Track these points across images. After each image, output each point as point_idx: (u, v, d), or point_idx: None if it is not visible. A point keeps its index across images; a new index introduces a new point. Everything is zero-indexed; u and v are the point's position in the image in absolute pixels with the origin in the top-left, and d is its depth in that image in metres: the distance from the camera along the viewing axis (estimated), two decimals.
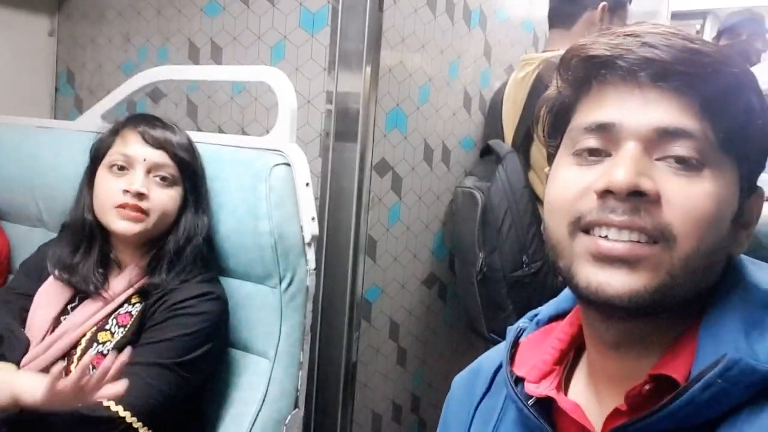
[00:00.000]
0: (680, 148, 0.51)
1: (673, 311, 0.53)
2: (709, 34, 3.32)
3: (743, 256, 0.57)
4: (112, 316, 1.05)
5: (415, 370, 1.74)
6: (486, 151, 1.70)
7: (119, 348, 0.99)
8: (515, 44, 1.89)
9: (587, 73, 0.55)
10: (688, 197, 0.50)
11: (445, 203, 1.74)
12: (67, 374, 1.02)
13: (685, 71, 0.50)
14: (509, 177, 1.50)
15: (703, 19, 3.29)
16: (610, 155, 0.53)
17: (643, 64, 0.51)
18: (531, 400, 0.60)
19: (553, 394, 0.58)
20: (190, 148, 1.12)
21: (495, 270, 1.51)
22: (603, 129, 0.53)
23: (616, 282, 0.50)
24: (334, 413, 1.51)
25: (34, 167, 1.47)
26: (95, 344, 1.02)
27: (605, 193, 0.51)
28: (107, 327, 1.04)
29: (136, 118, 1.12)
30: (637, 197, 0.50)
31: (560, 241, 0.55)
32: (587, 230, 0.52)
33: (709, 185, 0.51)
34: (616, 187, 0.50)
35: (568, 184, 0.55)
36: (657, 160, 0.51)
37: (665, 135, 0.51)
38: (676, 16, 3.00)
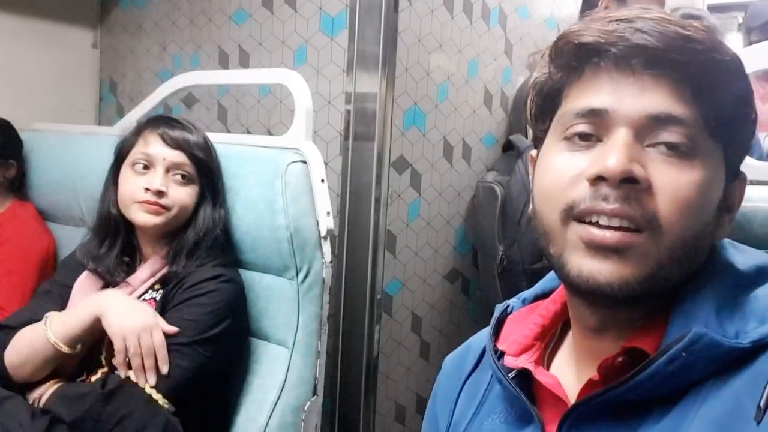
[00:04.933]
0: (671, 135, 0.51)
1: (658, 297, 0.54)
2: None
3: (725, 239, 0.58)
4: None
5: (439, 363, 1.74)
6: (508, 146, 1.72)
7: None
8: (538, 42, 1.90)
9: (579, 59, 0.55)
10: (676, 186, 0.51)
11: (467, 199, 1.76)
12: (97, 355, 1.10)
13: (677, 58, 0.51)
14: (528, 170, 1.51)
15: (744, 11, 3.19)
16: (601, 141, 0.54)
17: (636, 51, 0.51)
18: (512, 373, 0.62)
19: (530, 366, 0.61)
20: (206, 146, 1.19)
21: (515, 263, 1.53)
22: (595, 115, 0.53)
23: (606, 271, 0.51)
24: (357, 403, 1.55)
25: (76, 171, 1.57)
26: None
27: (597, 180, 0.51)
28: None
29: (156, 120, 1.19)
30: (629, 184, 0.51)
31: (552, 228, 0.55)
32: (580, 218, 0.53)
33: (698, 173, 0.51)
34: (609, 173, 0.50)
35: (559, 171, 0.55)
36: (648, 146, 0.52)
37: (657, 122, 0.51)
38: (714, 8, 2.92)
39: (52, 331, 1.04)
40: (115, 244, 1.17)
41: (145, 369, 1.00)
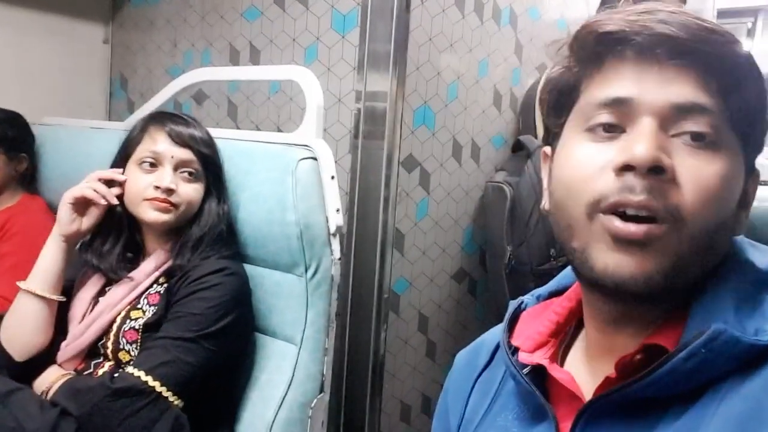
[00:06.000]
0: (697, 125, 0.51)
1: (678, 292, 0.53)
2: (761, 32, 3.21)
3: (743, 238, 0.58)
4: (143, 295, 1.13)
5: (445, 363, 1.76)
6: (517, 147, 1.72)
7: (149, 324, 1.08)
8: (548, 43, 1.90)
9: (602, 48, 0.54)
10: (700, 177, 0.50)
11: (475, 199, 1.76)
12: (104, 350, 1.11)
13: (701, 49, 0.51)
14: (537, 171, 1.51)
15: (754, 17, 3.17)
16: (624, 131, 0.53)
17: (660, 41, 0.51)
18: (526, 369, 0.62)
19: (545, 363, 0.60)
20: (211, 142, 1.20)
21: (523, 263, 1.53)
22: (619, 104, 0.53)
23: (631, 265, 0.51)
24: (362, 402, 1.55)
25: (86, 165, 1.55)
26: (128, 321, 1.11)
27: (624, 170, 0.51)
28: (139, 306, 1.13)
29: (160, 117, 1.19)
30: (655, 175, 0.50)
31: (577, 221, 0.54)
32: (607, 212, 0.52)
33: (722, 164, 0.51)
34: (638, 162, 0.50)
35: (583, 162, 0.54)
36: (672, 136, 0.52)
37: (682, 111, 0.51)
38: (723, 14, 2.91)
39: (29, 285, 1.11)
40: (119, 240, 1.17)
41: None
